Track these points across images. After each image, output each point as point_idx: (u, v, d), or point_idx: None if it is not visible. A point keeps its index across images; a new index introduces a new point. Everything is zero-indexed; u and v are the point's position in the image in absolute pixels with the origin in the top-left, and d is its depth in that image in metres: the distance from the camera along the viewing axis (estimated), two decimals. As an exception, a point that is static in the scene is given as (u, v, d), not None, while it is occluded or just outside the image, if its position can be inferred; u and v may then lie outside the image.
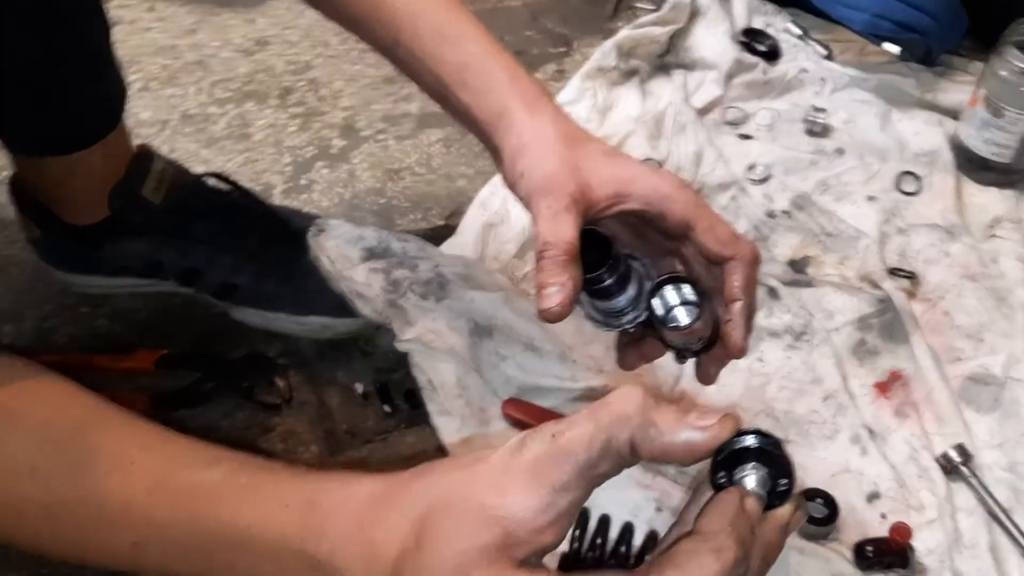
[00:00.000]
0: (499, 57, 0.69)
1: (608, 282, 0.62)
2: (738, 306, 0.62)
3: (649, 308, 0.62)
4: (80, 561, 0.57)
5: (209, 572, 0.53)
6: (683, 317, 0.61)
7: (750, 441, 0.52)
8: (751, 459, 0.53)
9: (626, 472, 0.85)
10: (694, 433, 0.50)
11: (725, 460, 0.53)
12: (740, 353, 0.64)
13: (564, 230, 0.59)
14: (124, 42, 1.31)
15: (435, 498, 0.49)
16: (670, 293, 0.61)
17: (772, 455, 0.53)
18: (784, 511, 0.53)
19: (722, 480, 0.53)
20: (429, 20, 0.71)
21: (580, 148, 0.64)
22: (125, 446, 0.55)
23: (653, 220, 0.64)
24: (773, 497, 0.54)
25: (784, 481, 0.54)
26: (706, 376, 0.68)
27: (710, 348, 0.66)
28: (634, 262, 0.63)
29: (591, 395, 0.89)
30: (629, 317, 0.63)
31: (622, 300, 0.63)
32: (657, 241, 0.66)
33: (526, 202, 0.63)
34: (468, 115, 0.70)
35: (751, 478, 0.53)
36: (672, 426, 0.49)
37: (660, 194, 0.62)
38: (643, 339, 0.68)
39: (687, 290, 0.61)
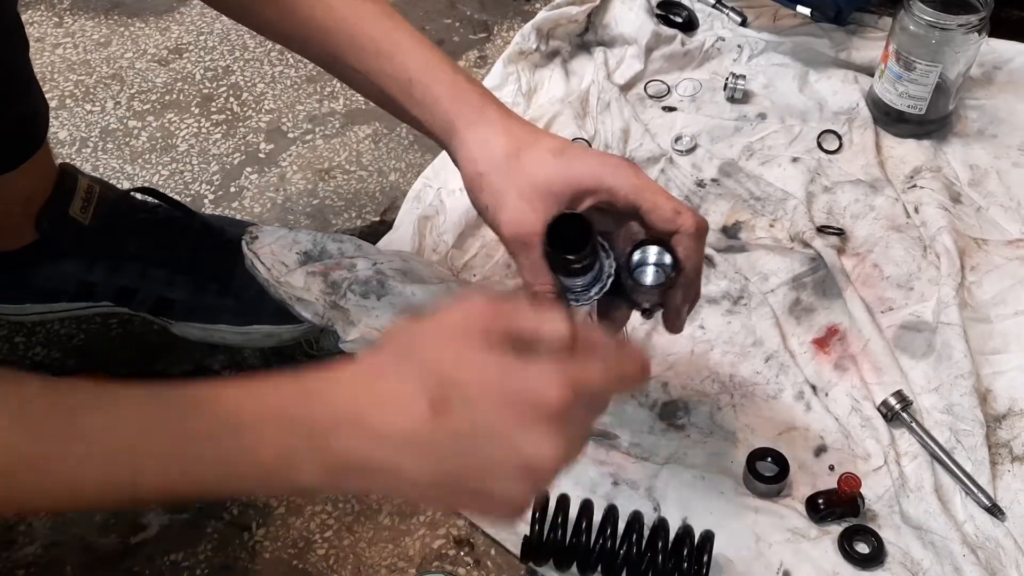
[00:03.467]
0: (440, 69, 0.71)
1: (584, 263, 0.65)
2: (681, 278, 0.68)
3: (629, 270, 0.67)
4: (73, 506, 0.55)
5: (204, 479, 0.53)
6: (654, 278, 0.67)
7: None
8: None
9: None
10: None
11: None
12: (678, 316, 0.72)
13: (545, 275, 0.66)
14: (34, 60, 1.27)
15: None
16: (647, 255, 0.67)
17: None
18: None
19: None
20: (366, 37, 0.71)
21: (530, 155, 0.67)
22: (103, 391, 0.54)
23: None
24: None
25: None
26: (673, 324, 0.74)
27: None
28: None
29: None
30: (596, 289, 0.68)
31: (590, 276, 0.67)
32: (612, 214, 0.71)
33: (496, 232, 0.69)
34: (420, 127, 0.72)
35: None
36: None
37: (604, 187, 0.67)
38: (610, 309, 0.72)
39: (659, 253, 0.67)
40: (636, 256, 0.67)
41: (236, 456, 0.52)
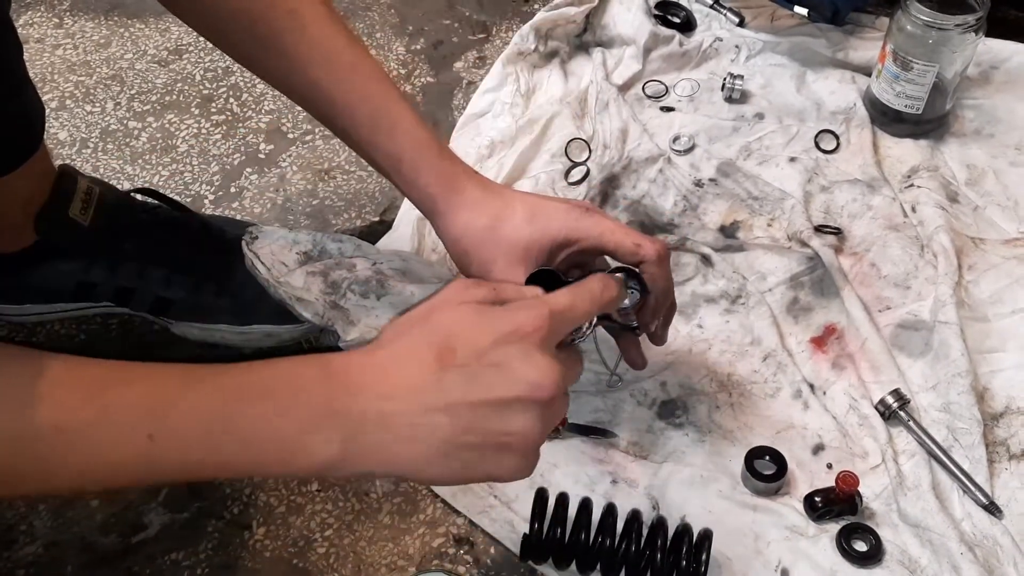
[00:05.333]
0: (429, 151, 0.78)
1: None
2: (650, 299, 0.77)
3: None
4: (92, 482, 0.56)
5: (223, 454, 0.55)
6: (628, 300, 0.76)
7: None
8: None
9: (580, 448, 0.87)
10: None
11: None
12: (645, 330, 0.81)
13: None
14: (34, 61, 1.28)
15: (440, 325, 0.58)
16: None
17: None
18: None
19: None
20: (365, 110, 0.77)
21: (507, 227, 0.75)
22: (128, 367, 0.56)
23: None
24: None
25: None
26: (654, 338, 0.82)
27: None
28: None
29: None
30: (586, 325, 0.72)
31: None
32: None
33: None
34: (407, 195, 0.80)
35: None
36: None
37: (573, 239, 0.75)
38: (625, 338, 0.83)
39: (628, 279, 0.76)
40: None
41: (256, 427, 0.54)
